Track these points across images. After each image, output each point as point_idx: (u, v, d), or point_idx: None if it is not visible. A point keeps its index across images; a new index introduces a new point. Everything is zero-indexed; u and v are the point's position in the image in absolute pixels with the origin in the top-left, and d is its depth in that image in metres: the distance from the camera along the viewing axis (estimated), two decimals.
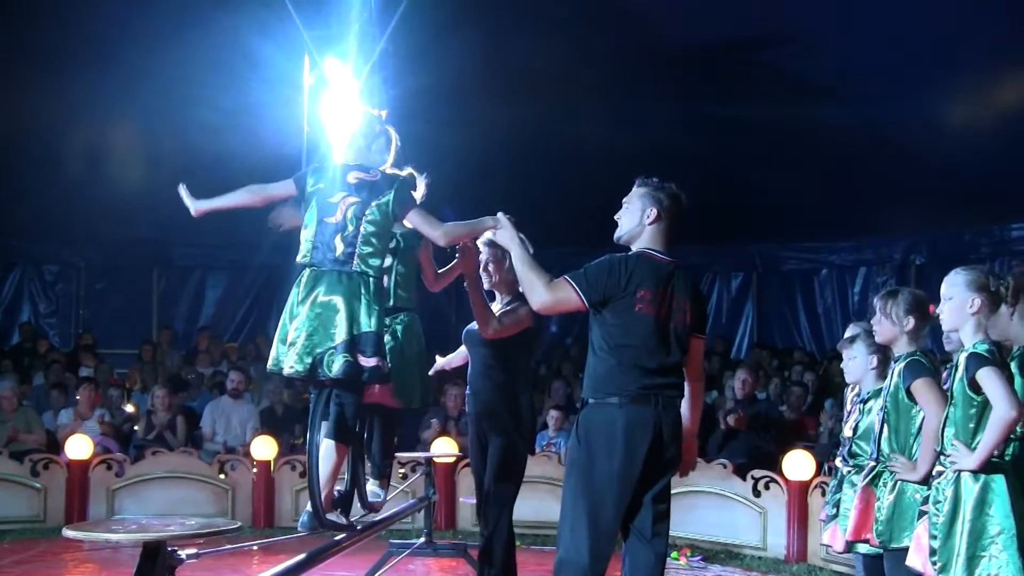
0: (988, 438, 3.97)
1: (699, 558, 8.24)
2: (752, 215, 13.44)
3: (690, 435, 4.57)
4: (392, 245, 5.32)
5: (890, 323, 4.72)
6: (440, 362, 6.10)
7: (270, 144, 11.77)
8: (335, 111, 5.04)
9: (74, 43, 11.36)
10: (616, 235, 4.54)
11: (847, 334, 5.36)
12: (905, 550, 4.42)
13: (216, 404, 11.04)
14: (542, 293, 4.32)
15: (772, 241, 14.56)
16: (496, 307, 5.53)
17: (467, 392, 5.78)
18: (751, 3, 10.45)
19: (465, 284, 5.28)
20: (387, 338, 5.31)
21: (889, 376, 4.79)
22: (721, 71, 11.43)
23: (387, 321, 5.33)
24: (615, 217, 4.55)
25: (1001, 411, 3.94)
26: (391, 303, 5.40)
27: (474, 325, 5.52)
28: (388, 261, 5.24)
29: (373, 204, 4.55)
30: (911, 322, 4.68)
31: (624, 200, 4.54)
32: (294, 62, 11.43)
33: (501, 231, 4.53)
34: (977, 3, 9.14)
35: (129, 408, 11.68)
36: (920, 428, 4.64)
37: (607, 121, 12.34)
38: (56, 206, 13.38)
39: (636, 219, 4.46)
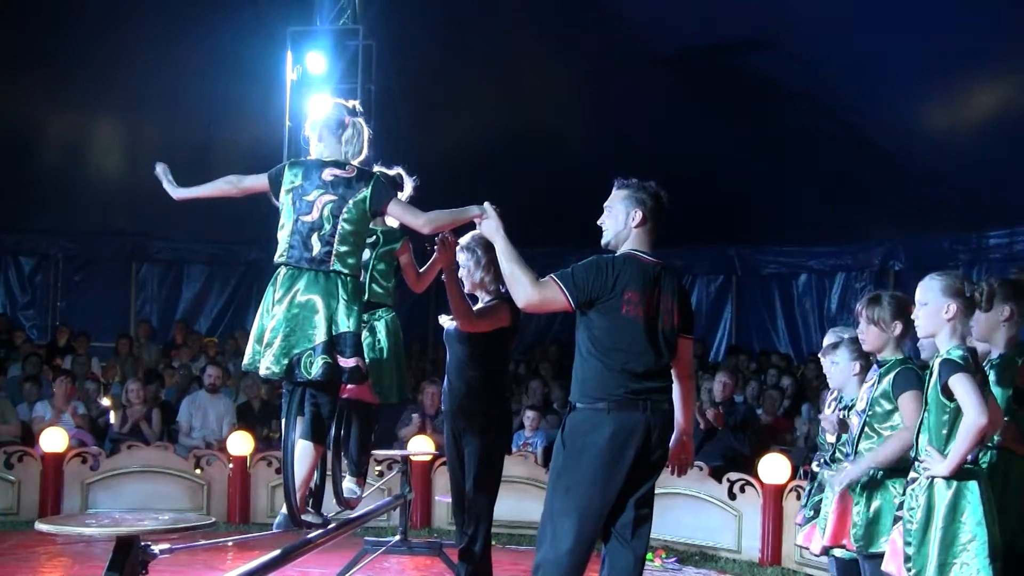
0: (959, 445, 3.96)
1: (674, 560, 8.26)
2: (732, 219, 13.49)
3: (686, 435, 4.54)
4: (371, 240, 5.28)
5: (878, 330, 4.67)
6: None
7: (251, 137, 11.76)
8: (313, 105, 4.99)
9: (54, 35, 11.30)
10: (604, 241, 4.47)
11: (828, 340, 5.30)
12: (882, 555, 4.42)
13: (192, 399, 10.95)
14: (528, 291, 4.24)
15: (752, 245, 14.62)
16: (477, 307, 5.51)
17: (443, 390, 5.76)
18: (733, 9, 10.48)
19: (443, 276, 5.25)
20: (364, 334, 5.29)
21: (874, 381, 4.72)
22: (703, 76, 11.46)
23: (364, 317, 5.30)
24: (599, 223, 4.48)
25: (971, 418, 3.92)
26: (366, 298, 5.37)
27: (453, 325, 5.50)
28: (366, 255, 5.19)
29: (350, 202, 4.47)
30: (898, 327, 4.65)
31: (605, 204, 4.48)
32: (276, 57, 11.45)
33: (487, 222, 4.43)
34: (959, 11, 9.19)
35: (105, 401, 11.60)
36: None
37: (588, 123, 12.37)
38: (34, 197, 13.32)
39: (622, 223, 4.41)
